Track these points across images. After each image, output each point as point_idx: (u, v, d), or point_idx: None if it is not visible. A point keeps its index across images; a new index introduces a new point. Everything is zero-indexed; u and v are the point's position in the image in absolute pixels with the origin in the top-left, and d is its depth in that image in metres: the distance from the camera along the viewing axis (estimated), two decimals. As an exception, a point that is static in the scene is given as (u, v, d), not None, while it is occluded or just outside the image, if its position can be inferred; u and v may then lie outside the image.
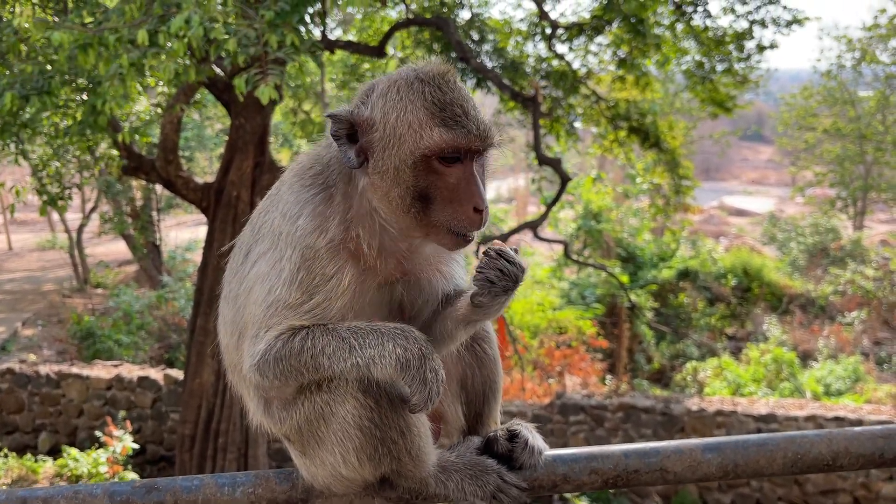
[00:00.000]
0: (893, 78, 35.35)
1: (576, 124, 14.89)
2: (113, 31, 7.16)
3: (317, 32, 10.80)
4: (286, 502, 2.33)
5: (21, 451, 14.57)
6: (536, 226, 14.12)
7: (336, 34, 17.33)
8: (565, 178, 13.24)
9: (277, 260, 2.22)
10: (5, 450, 14.06)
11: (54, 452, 14.60)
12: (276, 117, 18.35)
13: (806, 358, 21.98)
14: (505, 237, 13.70)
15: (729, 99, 14.27)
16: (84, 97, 9.29)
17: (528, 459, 2.37)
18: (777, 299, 26.14)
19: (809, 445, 2.38)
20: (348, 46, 13.10)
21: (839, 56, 36.15)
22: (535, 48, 14.53)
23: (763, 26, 13.30)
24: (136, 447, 13.49)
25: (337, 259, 2.21)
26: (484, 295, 2.19)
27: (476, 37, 13.46)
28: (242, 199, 11.91)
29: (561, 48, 14.09)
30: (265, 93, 7.10)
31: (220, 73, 11.04)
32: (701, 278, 24.95)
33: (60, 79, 8.47)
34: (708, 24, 13.23)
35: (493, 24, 14.04)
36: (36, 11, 8.39)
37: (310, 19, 8.80)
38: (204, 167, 30.77)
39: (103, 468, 12.58)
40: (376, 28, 14.94)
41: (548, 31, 13.64)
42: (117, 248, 31.11)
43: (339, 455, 2.24)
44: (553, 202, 13.63)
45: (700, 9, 13.01)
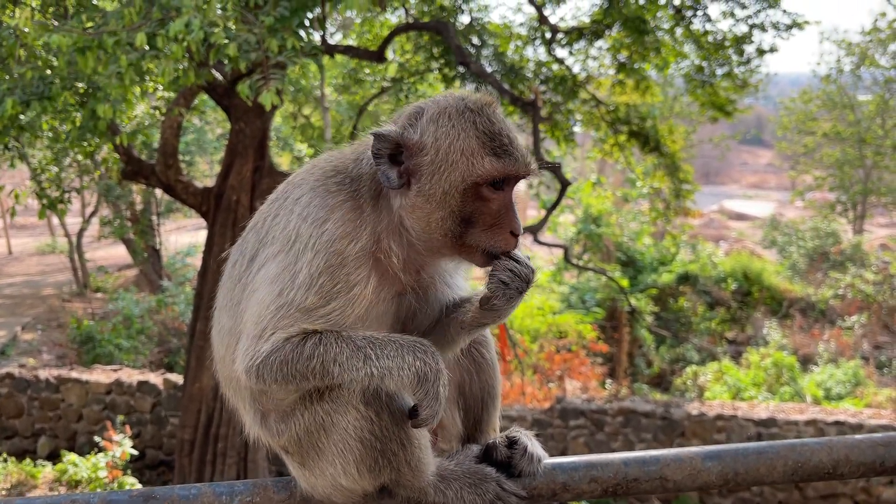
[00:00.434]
0: (893, 82, 35.39)
1: (575, 129, 14.89)
2: (112, 35, 7.17)
3: (316, 37, 10.82)
4: (284, 511, 2.32)
5: (20, 456, 14.55)
6: (536, 230, 14.11)
7: (336, 39, 17.37)
8: (565, 183, 13.24)
9: (292, 262, 2.19)
10: (4, 454, 14.05)
11: (53, 457, 14.58)
12: (276, 121, 18.37)
13: (806, 362, 21.97)
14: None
15: (729, 102, 14.28)
16: (84, 101, 9.29)
17: (528, 467, 2.36)
18: (777, 303, 26.13)
19: (810, 453, 2.38)
20: (348, 51, 13.12)
21: (839, 60, 36.21)
22: (535, 52, 14.55)
23: (763, 30, 13.31)
24: (136, 452, 13.48)
25: (364, 267, 2.21)
26: (498, 298, 2.24)
27: (476, 41, 13.47)
28: (242, 204, 11.91)
29: (561, 52, 14.11)
30: (268, 99, 7.14)
31: (220, 78, 11.05)
32: (701, 282, 24.95)
33: (60, 83, 8.47)
34: (708, 28, 13.24)
35: (493, 29, 14.06)
36: (35, 15, 8.39)
37: (309, 24, 8.81)
38: (204, 171, 30.80)
39: (102, 473, 12.56)
40: (376, 33, 14.97)
41: (547, 36, 13.66)
42: (117, 253, 31.12)
43: (340, 466, 2.23)
44: (553, 206, 13.63)
45: (700, 13, 13.03)
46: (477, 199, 2.23)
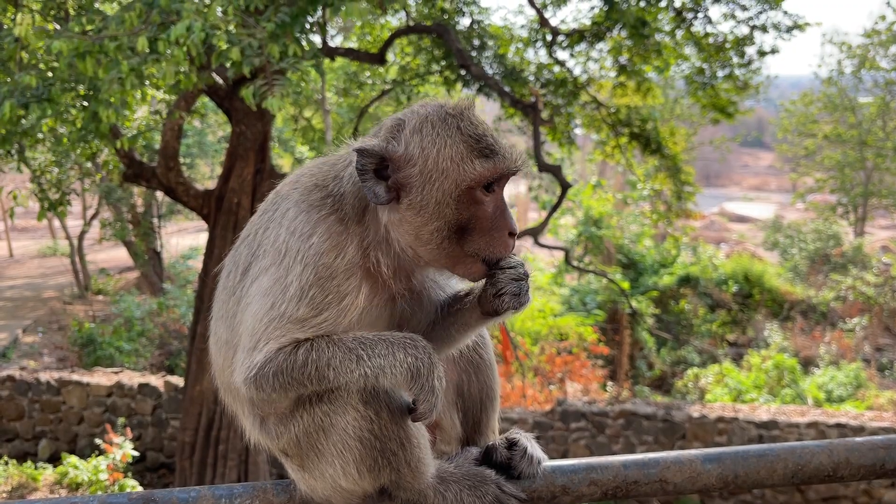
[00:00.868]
0: (893, 84, 35.39)
1: (577, 131, 14.90)
2: (112, 39, 7.18)
3: (317, 40, 10.83)
4: (283, 514, 2.32)
5: (21, 459, 14.55)
6: (537, 232, 14.11)
7: (336, 41, 17.39)
8: (565, 185, 13.24)
9: (283, 276, 2.20)
10: (5, 457, 14.04)
11: (54, 460, 14.58)
12: (277, 124, 18.39)
13: (807, 364, 21.95)
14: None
15: (730, 104, 14.28)
16: (84, 104, 9.30)
17: (527, 468, 2.36)
18: (778, 305, 26.11)
19: (810, 456, 2.37)
20: (349, 54, 13.13)
21: (839, 62, 36.21)
22: (536, 55, 14.56)
23: (764, 31, 13.31)
24: (137, 454, 13.47)
25: (354, 278, 2.22)
26: (515, 310, 2.30)
27: (476, 44, 13.48)
28: (243, 206, 11.92)
29: (561, 55, 14.13)
30: (274, 104, 7.18)
31: (221, 82, 11.06)
32: (702, 284, 24.94)
33: (61, 86, 8.48)
34: (708, 30, 13.24)
35: (494, 31, 14.07)
36: (36, 20, 8.39)
37: (310, 28, 8.82)
38: (205, 174, 30.84)
39: (103, 475, 12.56)
40: (376, 35, 14.97)
41: (548, 38, 13.66)
42: (118, 255, 31.13)
43: (339, 467, 2.23)
44: (554, 209, 13.64)
45: (700, 15, 13.03)
46: (471, 204, 2.22)
